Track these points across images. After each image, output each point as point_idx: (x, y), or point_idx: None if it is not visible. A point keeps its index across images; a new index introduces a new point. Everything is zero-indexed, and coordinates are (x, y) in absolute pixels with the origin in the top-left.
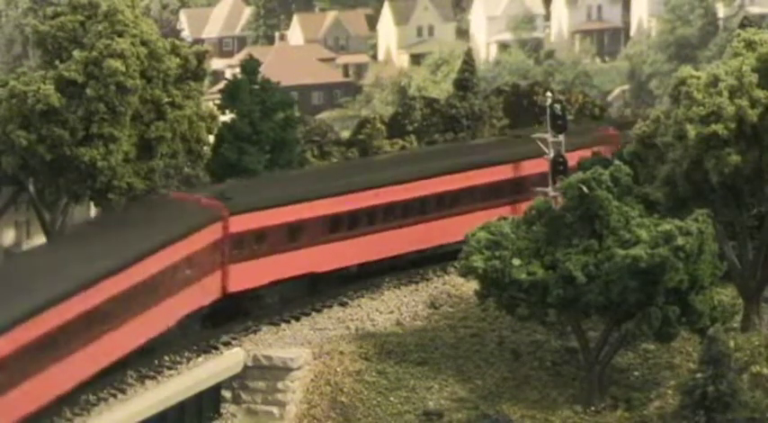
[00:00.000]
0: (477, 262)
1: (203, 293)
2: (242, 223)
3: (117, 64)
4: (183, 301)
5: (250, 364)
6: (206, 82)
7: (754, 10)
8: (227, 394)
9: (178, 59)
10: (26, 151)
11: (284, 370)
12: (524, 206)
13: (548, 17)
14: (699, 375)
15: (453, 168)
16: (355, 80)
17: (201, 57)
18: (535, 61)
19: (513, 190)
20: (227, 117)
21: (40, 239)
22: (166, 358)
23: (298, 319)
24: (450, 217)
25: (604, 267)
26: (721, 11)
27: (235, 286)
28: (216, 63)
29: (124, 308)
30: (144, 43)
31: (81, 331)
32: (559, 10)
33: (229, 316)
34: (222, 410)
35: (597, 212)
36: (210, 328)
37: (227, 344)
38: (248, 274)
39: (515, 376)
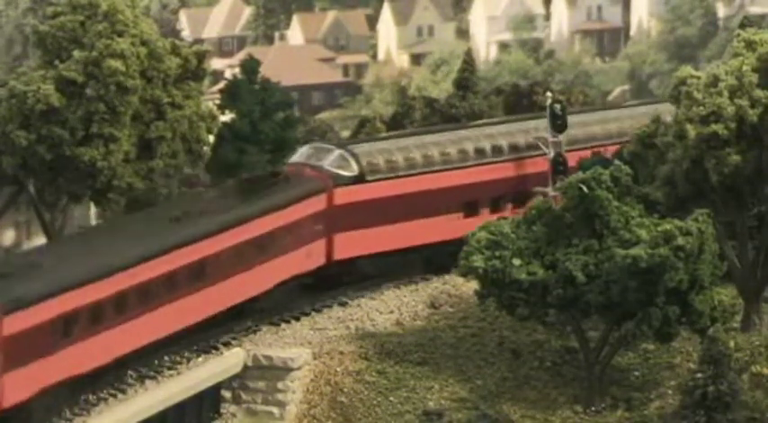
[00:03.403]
0: (478, 262)
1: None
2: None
3: (117, 64)
4: (290, 264)
5: (250, 364)
6: (206, 82)
7: (754, 10)
8: (227, 394)
9: (178, 59)
10: (26, 151)
11: (284, 370)
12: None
13: (548, 17)
14: (699, 375)
15: None
16: (355, 80)
17: (201, 57)
18: (535, 61)
19: None
20: (227, 117)
21: (40, 239)
22: (166, 358)
23: (298, 319)
24: None
25: (604, 267)
26: (721, 11)
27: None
28: (216, 63)
29: (236, 260)
30: (144, 43)
31: (197, 276)
32: (559, 10)
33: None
34: (222, 410)
35: (597, 212)
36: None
37: (227, 344)
38: (353, 244)
39: (515, 376)
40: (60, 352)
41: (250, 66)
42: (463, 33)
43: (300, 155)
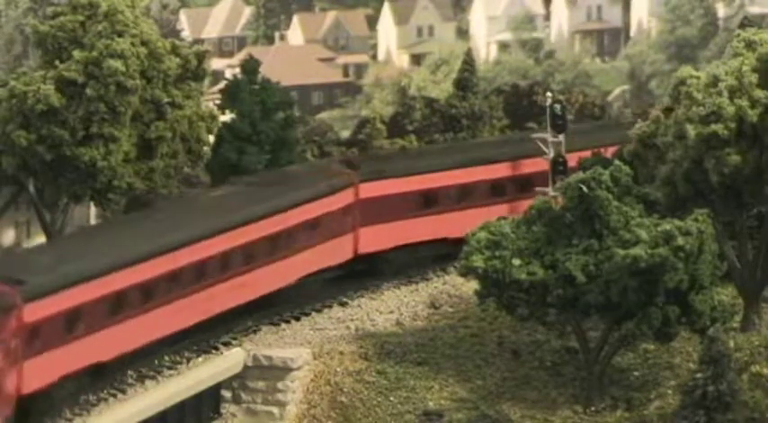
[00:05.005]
0: (478, 262)
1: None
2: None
3: (117, 64)
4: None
5: (250, 364)
6: (206, 82)
7: (754, 10)
8: (227, 394)
9: (178, 59)
10: (26, 151)
11: (284, 370)
12: None
13: (548, 17)
14: (699, 375)
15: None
16: (355, 80)
17: (201, 57)
18: (535, 61)
19: None
20: (227, 117)
21: (40, 239)
22: (166, 358)
23: (298, 319)
24: None
25: (604, 267)
26: (721, 11)
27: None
28: (216, 63)
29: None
30: (144, 43)
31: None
32: (559, 10)
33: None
34: (222, 410)
35: (597, 212)
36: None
37: (227, 344)
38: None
39: (515, 376)
40: (80, 340)
41: (250, 66)
42: (463, 33)
43: None
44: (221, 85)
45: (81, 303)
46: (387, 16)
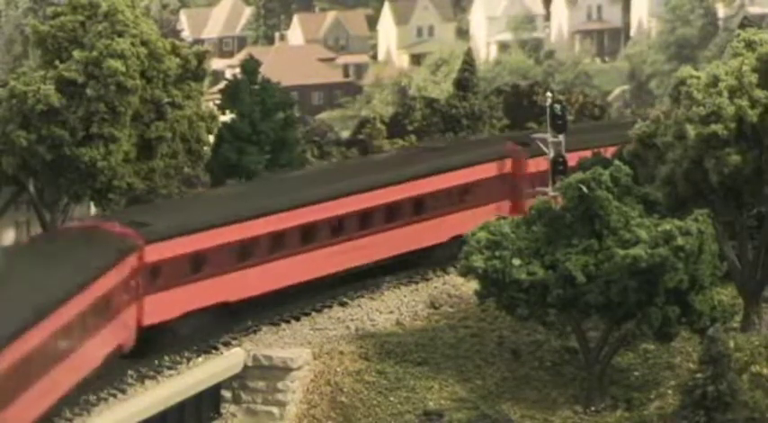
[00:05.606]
0: (478, 262)
1: None
2: None
3: (117, 64)
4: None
5: (250, 364)
6: (206, 82)
7: (754, 10)
8: (227, 394)
9: (178, 59)
10: (26, 151)
11: (284, 370)
12: None
13: (548, 17)
14: (699, 375)
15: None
16: (355, 80)
17: (201, 57)
18: (535, 61)
19: None
20: (227, 117)
21: None
22: (166, 358)
23: (298, 319)
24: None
25: (604, 267)
26: (721, 11)
27: None
28: (216, 63)
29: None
30: (144, 43)
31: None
32: (559, 10)
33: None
34: (222, 410)
35: (597, 212)
36: None
37: (227, 344)
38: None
39: (515, 376)
40: (203, 282)
41: (250, 66)
42: (463, 33)
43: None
44: (221, 85)
45: (202, 249)
46: (387, 16)
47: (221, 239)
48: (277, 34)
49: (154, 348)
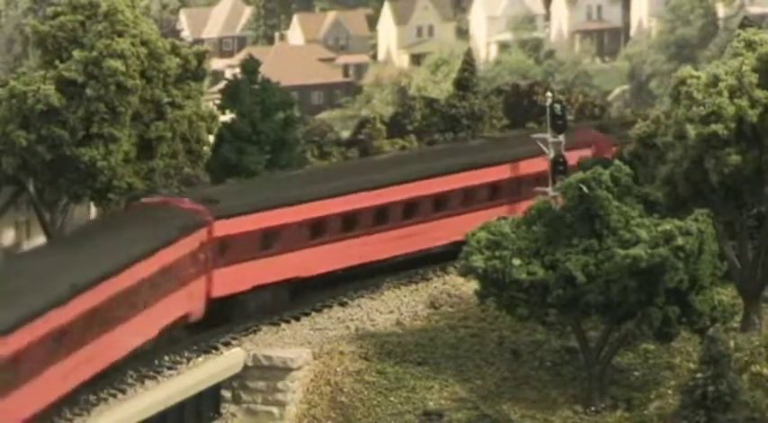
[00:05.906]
0: (478, 262)
1: None
2: None
3: (117, 64)
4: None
5: (250, 364)
6: (206, 82)
7: (754, 10)
8: (227, 394)
9: (178, 59)
10: (26, 151)
11: (284, 370)
12: None
13: (548, 17)
14: (699, 375)
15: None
16: (355, 80)
17: (201, 57)
18: (535, 61)
19: None
20: (227, 117)
21: (40, 239)
22: (166, 358)
23: (298, 319)
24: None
25: (604, 267)
26: (721, 11)
27: None
28: (216, 63)
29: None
30: (144, 43)
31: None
32: (559, 10)
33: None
34: (222, 410)
35: (597, 212)
36: None
37: (227, 344)
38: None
39: (515, 376)
40: (273, 257)
41: (250, 66)
42: (463, 33)
43: None
44: (221, 85)
45: (269, 226)
46: (387, 16)
47: (287, 218)
48: (277, 34)
49: (222, 321)
